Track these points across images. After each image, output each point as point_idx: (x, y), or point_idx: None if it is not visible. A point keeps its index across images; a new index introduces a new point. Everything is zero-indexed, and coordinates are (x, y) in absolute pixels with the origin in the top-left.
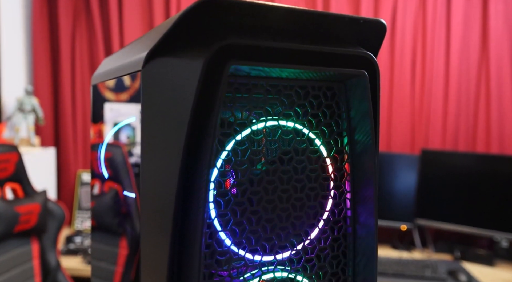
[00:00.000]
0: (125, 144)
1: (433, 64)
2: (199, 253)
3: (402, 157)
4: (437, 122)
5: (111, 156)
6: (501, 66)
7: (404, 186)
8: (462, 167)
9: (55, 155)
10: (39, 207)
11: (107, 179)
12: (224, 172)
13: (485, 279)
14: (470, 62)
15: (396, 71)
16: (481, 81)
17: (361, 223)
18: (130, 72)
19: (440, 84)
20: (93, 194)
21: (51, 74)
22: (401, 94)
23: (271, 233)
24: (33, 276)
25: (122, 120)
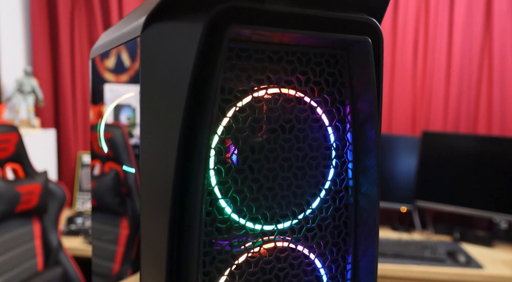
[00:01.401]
0: (125, 125)
1: (436, 45)
2: (200, 220)
3: (403, 139)
4: (438, 104)
5: (112, 136)
6: (505, 47)
7: (404, 168)
8: (463, 148)
9: (55, 137)
10: (40, 187)
11: (106, 154)
12: (224, 138)
13: (484, 260)
14: (473, 43)
15: (398, 51)
16: (483, 63)
17: (362, 193)
18: (129, 40)
19: (442, 66)
20: (93, 175)
21: (50, 55)
22: (402, 75)
23: (272, 201)
24: (35, 256)
25: (122, 101)
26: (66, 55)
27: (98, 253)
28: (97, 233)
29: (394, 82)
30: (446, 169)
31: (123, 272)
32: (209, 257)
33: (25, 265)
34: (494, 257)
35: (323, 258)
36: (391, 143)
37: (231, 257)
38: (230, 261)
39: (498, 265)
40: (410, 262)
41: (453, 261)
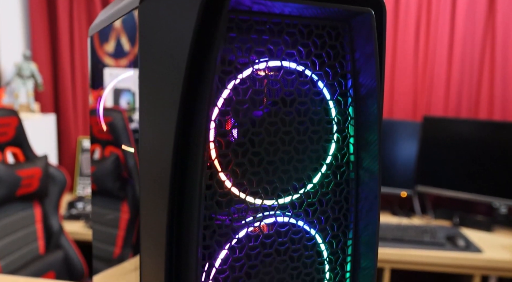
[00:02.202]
0: (125, 110)
1: (438, 29)
2: (199, 193)
3: (404, 124)
4: (440, 88)
5: (112, 120)
6: (508, 32)
7: (405, 153)
8: (464, 133)
9: (55, 121)
10: (40, 171)
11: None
12: (225, 111)
13: (483, 244)
14: (475, 27)
15: (400, 35)
16: (486, 47)
17: (364, 168)
18: (127, 12)
19: (444, 50)
20: (93, 159)
21: (49, 39)
22: (404, 60)
23: (273, 175)
24: (37, 239)
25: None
26: (65, 39)
27: (99, 237)
28: (97, 217)
29: (396, 67)
30: (446, 154)
31: (124, 255)
32: (209, 231)
33: (26, 248)
34: (494, 242)
35: (323, 234)
36: (392, 128)
37: (232, 231)
38: (230, 235)
39: (497, 249)
40: (409, 246)
41: (453, 245)
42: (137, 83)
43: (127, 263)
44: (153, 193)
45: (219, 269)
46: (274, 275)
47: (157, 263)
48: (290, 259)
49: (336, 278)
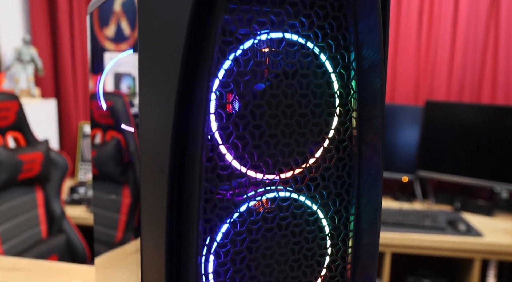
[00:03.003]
0: (126, 94)
1: (441, 12)
2: (200, 165)
3: (406, 109)
4: (442, 73)
5: (113, 104)
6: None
7: (406, 138)
8: (466, 118)
9: (56, 107)
10: (41, 155)
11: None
12: (225, 82)
13: (484, 228)
14: (479, 10)
15: (403, 19)
16: (489, 31)
17: (367, 142)
18: None
19: (447, 34)
20: (94, 144)
21: (49, 23)
22: (406, 44)
23: (275, 149)
24: (39, 224)
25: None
26: (65, 24)
27: (101, 221)
28: (99, 202)
29: (398, 51)
30: (448, 138)
31: (126, 239)
32: (210, 205)
33: (29, 232)
34: (494, 226)
35: (325, 209)
36: (393, 112)
37: (233, 205)
38: (231, 209)
39: (498, 233)
40: (410, 231)
41: (453, 229)
42: (137, 64)
43: (129, 245)
44: (153, 167)
45: (220, 243)
46: (276, 250)
47: (157, 237)
48: (292, 234)
49: (338, 254)
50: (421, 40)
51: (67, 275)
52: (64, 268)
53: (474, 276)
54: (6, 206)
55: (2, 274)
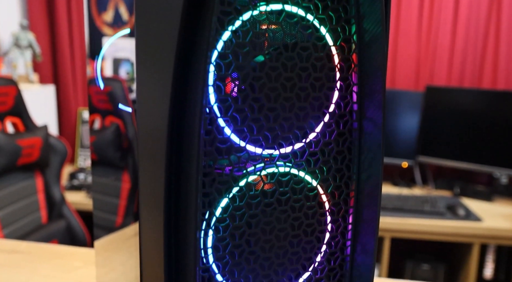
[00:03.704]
0: (125, 80)
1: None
2: (198, 137)
3: (406, 94)
4: (443, 57)
5: (111, 89)
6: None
7: (406, 123)
8: (467, 103)
9: (55, 93)
10: (40, 141)
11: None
12: (224, 54)
13: (483, 213)
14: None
15: (404, 2)
16: (491, 15)
17: (367, 117)
18: None
19: (448, 18)
20: (93, 129)
21: (46, 8)
22: (407, 28)
23: (274, 123)
24: (39, 209)
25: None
26: (63, 8)
27: (100, 206)
28: (98, 187)
29: (399, 35)
30: (448, 124)
31: (126, 224)
32: (209, 178)
33: (29, 217)
34: (494, 211)
35: (326, 184)
36: (394, 98)
37: (232, 180)
38: (230, 183)
39: (497, 218)
40: (410, 216)
41: (453, 214)
42: (135, 34)
43: (128, 229)
44: (151, 140)
45: (219, 217)
46: (275, 225)
47: (156, 211)
48: (292, 210)
49: (338, 230)
50: (422, 24)
51: (67, 258)
52: (64, 251)
53: (472, 260)
54: (6, 191)
55: (3, 256)
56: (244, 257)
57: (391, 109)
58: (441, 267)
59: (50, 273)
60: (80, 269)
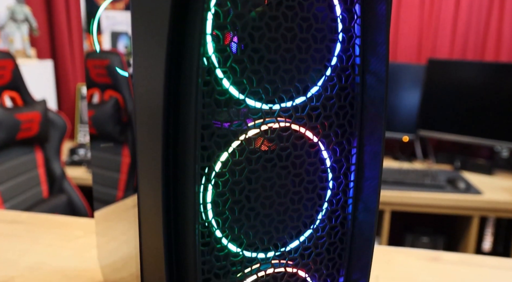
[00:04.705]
0: (123, 54)
1: None
2: (196, 87)
3: (408, 67)
4: (446, 29)
5: (110, 63)
6: None
7: (408, 97)
8: (469, 76)
9: (53, 68)
10: (39, 115)
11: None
12: (223, 1)
13: (483, 186)
14: None
15: None
16: None
17: (371, 71)
18: None
19: None
20: (92, 103)
21: None
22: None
23: (274, 75)
24: (40, 184)
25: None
26: None
27: (101, 181)
28: (97, 162)
29: (401, 7)
30: (450, 97)
31: (126, 198)
32: (208, 131)
33: (30, 192)
34: (494, 184)
35: (327, 140)
36: (395, 71)
37: (232, 134)
38: (230, 137)
39: (497, 191)
40: (410, 189)
41: (453, 187)
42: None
43: (129, 199)
44: (147, 92)
45: (219, 172)
46: (276, 181)
47: (154, 164)
48: (292, 166)
49: (340, 187)
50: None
51: (67, 227)
52: (65, 221)
53: (471, 233)
54: (6, 165)
55: (3, 226)
56: (244, 213)
57: (392, 83)
58: (440, 240)
59: (50, 242)
60: (80, 238)
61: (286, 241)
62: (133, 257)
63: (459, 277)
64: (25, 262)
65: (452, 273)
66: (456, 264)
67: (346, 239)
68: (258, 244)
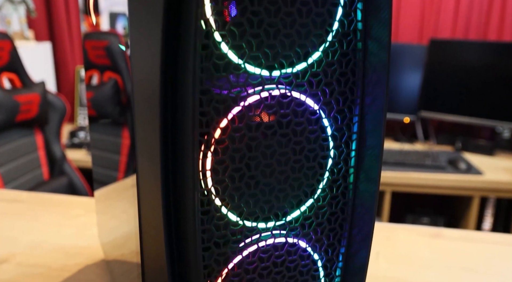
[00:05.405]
0: (122, 35)
1: None
2: (194, 49)
3: (409, 48)
4: (448, 9)
5: (109, 44)
6: None
7: (409, 77)
8: (471, 56)
9: (51, 50)
10: (38, 97)
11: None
12: None
13: (484, 167)
14: None
15: None
16: None
17: (373, 36)
18: None
19: None
20: (90, 85)
21: None
22: None
23: (274, 39)
24: (40, 166)
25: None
26: None
27: (101, 163)
28: (97, 144)
29: None
30: (452, 77)
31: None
32: (206, 96)
33: (31, 174)
34: (495, 165)
35: (328, 108)
36: (396, 51)
37: (231, 100)
38: (229, 103)
39: (498, 171)
40: (411, 170)
41: (454, 168)
42: None
43: (129, 179)
44: (143, 56)
45: (218, 139)
46: (276, 149)
47: (151, 130)
48: (293, 133)
49: (341, 156)
50: None
51: (68, 206)
52: (65, 200)
53: (472, 214)
54: (6, 147)
55: (4, 205)
56: (244, 181)
57: (393, 63)
58: (440, 220)
59: (51, 220)
60: (81, 217)
61: (286, 210)
62: (133, 235)
63: (460, 253)
64: (26, 240)
65: (453, 249)
66: (457, 240)
67: (347, 209)
68: (258, 213)
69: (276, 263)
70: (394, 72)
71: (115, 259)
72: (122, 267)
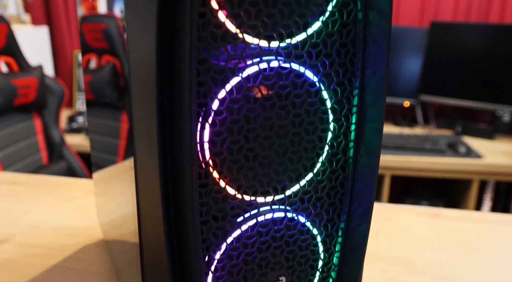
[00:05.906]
0: (119, 18)
1: None
2: (191, 16)
3: (410, 31)
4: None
5: (106, 27)
6: None
7: (410, 61)
8: (472, 39)
9: (49, 34)
10: (36, 81)
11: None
12: None
13: (484, 150)
14: None
15: None
16: None
17: (373, 6)
18: None
19: None
20: (88, 69)
21: None
22: None
23: (273, 8)
24: (39, 150)
25: None
26: None
27: (99, 147)
28: (96, 128)
29: None
30: (453, 61)
31: None
32: (204, 66)
33: (30, 158)
34: (495, 148)
35: (328, 80)
36: (397, 35)
37: (229, 70)
38: (227, 73)
39: (497, 155)
40: (410, 153)
41: (453, 152)
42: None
43: (127, 161)
44: (141, 29)
45: (216, 110)
46: (275, 121)
47: (148, 103)
48: (292, 105)
49: (341, 130)
50: None
51: (67, 188)
52: (65, 182)
53: (471, 198)
54: (5, 131)
55: (3, 187)
56: (243, 153)
57: (394, 47)
58: (440, 204)
59: (50, 202)
60: (80, 198)
61: (286, 184)
62: (131, 215)
63: (459, 232)
64: (25, 220)
65: (452, 228)
66: (457, 220)
67: (347, 184)
68: (257, 187)
69: (275, 238)
70: (394, 56)
71: (114, 239)
72: (121, 247)
